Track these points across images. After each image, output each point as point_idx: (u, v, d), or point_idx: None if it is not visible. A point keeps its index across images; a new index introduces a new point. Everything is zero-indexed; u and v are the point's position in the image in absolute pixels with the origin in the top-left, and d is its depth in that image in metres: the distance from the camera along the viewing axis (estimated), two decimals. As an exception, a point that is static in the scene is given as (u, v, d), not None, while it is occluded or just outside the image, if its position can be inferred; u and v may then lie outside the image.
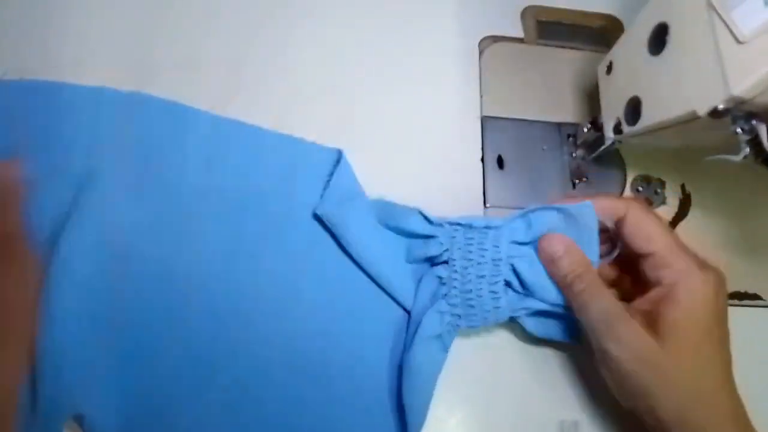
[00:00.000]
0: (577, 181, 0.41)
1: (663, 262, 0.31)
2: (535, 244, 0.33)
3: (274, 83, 0.40)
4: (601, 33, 0.46)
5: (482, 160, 0.41)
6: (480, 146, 0.41)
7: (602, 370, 0.31)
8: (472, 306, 0.33)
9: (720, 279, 0.30)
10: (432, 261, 0.35)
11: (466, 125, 0.42)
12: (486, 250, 0.33)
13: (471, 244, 0.33)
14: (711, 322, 0.29)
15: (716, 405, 0.29)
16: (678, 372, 0.29)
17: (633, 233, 0.32)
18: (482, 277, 0.33)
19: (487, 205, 0.40)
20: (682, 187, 0.42)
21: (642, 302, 0.31)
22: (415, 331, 0.33)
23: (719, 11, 0.26)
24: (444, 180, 0.40)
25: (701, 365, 0.29)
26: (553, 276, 0.32)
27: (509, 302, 0.33)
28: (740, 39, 0.25)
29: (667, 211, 0.41)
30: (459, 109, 0.42)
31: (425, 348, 0.33)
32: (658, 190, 0.42)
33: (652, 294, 0.31)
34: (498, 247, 0.33)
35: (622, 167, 0.42)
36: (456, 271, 0.33)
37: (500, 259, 0.33)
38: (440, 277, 0.34)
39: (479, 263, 0.33)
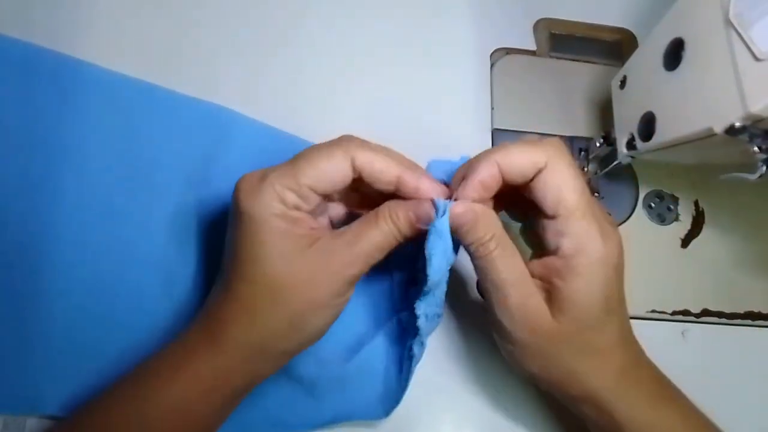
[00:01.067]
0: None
1: (564, 229, 0.28)
2: None
3: (287, 91, 0.41)
4: (615, 46, 0.45)
5: (492, 172, 0.40)
6: (490, 159, 0.41)
7: (495, 336, 0.30)
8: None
9: (620, 245, 0.28)
10: None
11: (477, 137, 0.41)
12: None
13: None
14: (609, 293, 0.28)
15: (608, 363, 0.29)
16: (570, 340, 0.28)
17: (544, 190, 0.28)
18: None
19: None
20: (696, 203, 0.41)
21: (538, 266, 0.29)
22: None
23: (737, 28, 0.26)
24: (453, 192, 0.39)
25: (594, 333, 0.28)
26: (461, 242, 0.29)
27: None
28: (758, 56, 0.25)
29: (680, 228, 0.41)
30: (470, 121, 0.42)
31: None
32: (671, 207, 0.41)
33: (549, 261, 0.28)
34: None
35: (634, 183, 0.41)
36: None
37: None
38: None
39: None
